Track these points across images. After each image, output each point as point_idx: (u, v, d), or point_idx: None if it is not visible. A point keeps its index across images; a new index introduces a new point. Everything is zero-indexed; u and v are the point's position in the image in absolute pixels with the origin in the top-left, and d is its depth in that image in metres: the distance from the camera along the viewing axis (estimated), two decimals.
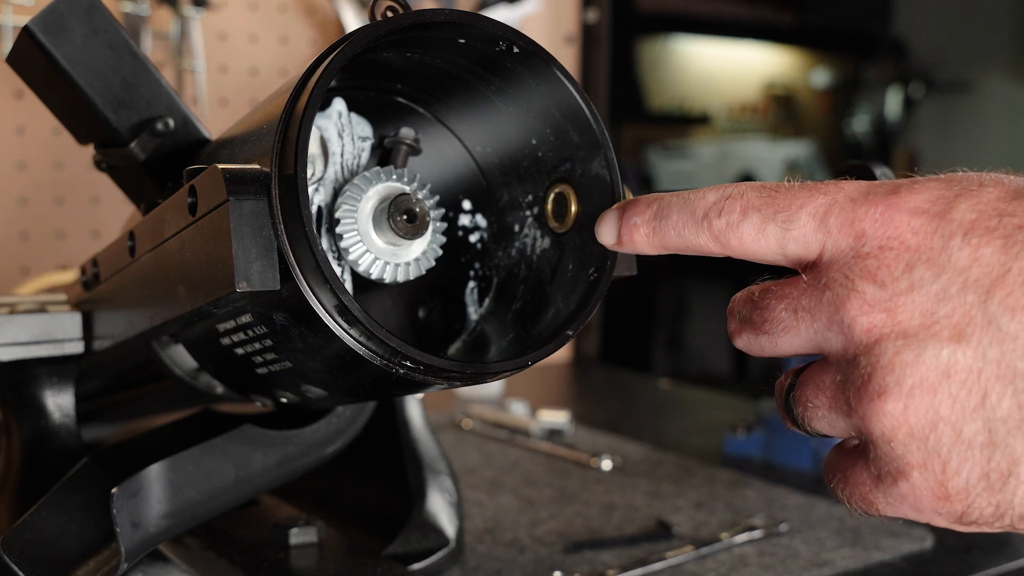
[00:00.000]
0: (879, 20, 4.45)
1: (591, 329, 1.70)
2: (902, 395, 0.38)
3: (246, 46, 1.36)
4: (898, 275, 0.39)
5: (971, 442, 0.38)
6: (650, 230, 0.45)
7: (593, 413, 1.28)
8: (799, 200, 0.41)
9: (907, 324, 0.38)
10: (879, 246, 0.39)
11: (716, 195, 0.43)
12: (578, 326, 0.47)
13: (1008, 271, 0.37)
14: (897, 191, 0.40)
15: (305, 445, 0.61)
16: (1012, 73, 4.47)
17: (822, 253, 0.41)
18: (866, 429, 0.39)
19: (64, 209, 1.28)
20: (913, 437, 0.38)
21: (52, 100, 0.60)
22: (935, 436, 0.38)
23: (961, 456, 0.38)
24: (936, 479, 0.38)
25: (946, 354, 0.38)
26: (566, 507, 0.85)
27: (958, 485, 0.38)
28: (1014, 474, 0.37)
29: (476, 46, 0.47)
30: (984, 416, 0.37)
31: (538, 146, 0.50)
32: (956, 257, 0.38)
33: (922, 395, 0.38)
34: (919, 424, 0.38)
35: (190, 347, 0.58)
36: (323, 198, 0.51)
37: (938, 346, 0.38)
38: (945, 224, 0.38)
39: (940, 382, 0.38)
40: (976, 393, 0.37)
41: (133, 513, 0.54)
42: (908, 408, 0.38)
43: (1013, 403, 0.37)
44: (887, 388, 0.38)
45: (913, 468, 0.39)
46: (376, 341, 0.43)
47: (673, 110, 4.02)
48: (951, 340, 0.38)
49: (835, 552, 0.75)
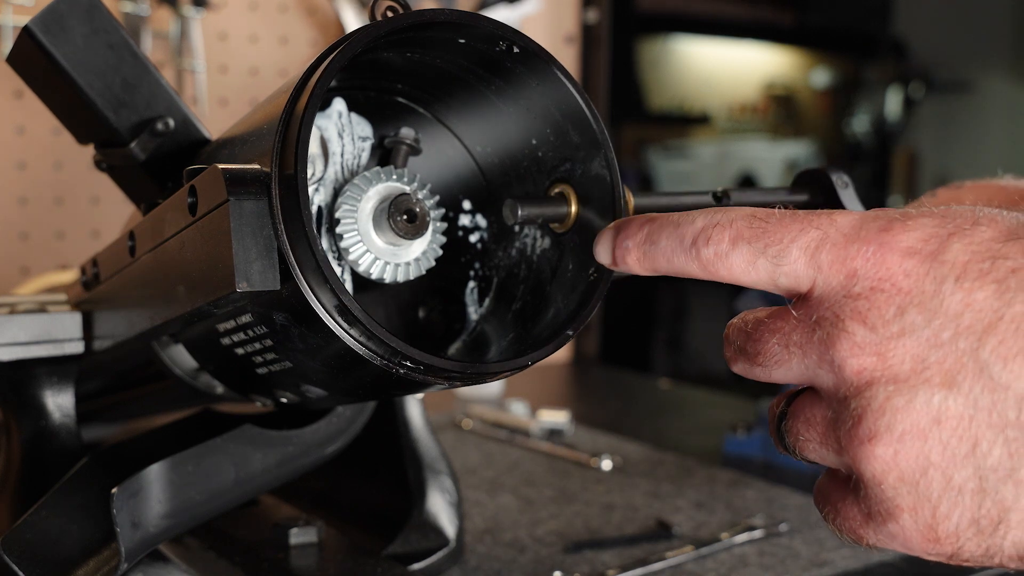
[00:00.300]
0: (879, 20, 4.45)
1: (591, 329, 1.70)
2: (892, 440, 0.38)
3: (246, 46, 1.36)
4: (889, 319, 0.38)
5: (962, 488, 0.38)
6: (641, 254, 0.44)
7: (593, 413, 1.28)
8: (791, 233, 0.41)
9: (898, 369, 0.38)
10: (871, 287, 0.39)
11: (704, 221, 0.42)
12: (578, 326, 0.47)
13: (1001, 318, 0.37)
14: (890, 228, 0.39)
15: (305, 445, 0.61)
16: (1012, 73, 4.48)
17: (813, 288, 0.41)
18: (856, 469, 0.39)
19: (64, 209, 1.28)
20: (903, 481, 0.38)
21: (52, 100, 0.60)
22: (925, 481, 0.38)
23: (951, 502, 0.38)
24: (926, 523, 0.38)
25: (937, 401, 0.37)
26: (566, 507, 0.85)
27: (948, 529, 0.38)
28: (1004, 521, 0.37)
29: (476, 46, 0.47)
30: (975, 464, 0.37)
31: (538, 146, 0.50)
32: (948, 302, 0.37)
33: (912, 441, 0.38)
34: (909, 469, 0.38)
35: (190, 347, 0.58)
36: (323, 198, 0.51)
37: (929, 392, 0.37)
38: (938, 266, 0.38)
39: (931, 428, 0.37)
40: (967, 441, 0.37)
41: (133, 513, 0.54)
42: (899, 453, 0.38)
43: (1004, 452, 0.37)
44: (878, 433, 0.38)
45: (903, 511, 0.39)
46: (376, 341, 0.43)
47: (673, 110, 4.02)
48: (942, 387, 0.37)
49: (835, 552, 0.75)
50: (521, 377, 1.26)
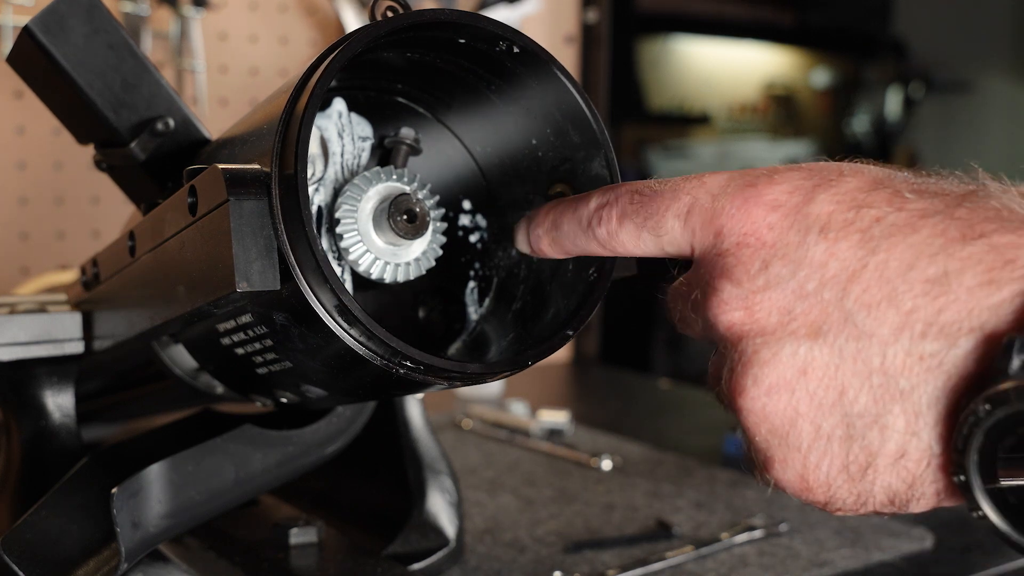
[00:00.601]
0: (879, 20, 4.45)
1: (591, 329, 1.70)
2: (760, 393, 0.39)
3: (246, 46, 1.36)
4: (754, 272, 0.39)
5: (830, 437, 0.38)
6: (550, 240, 0.47)
7: (593, 413, 1.28)
8: (665, 203, 0.42)
9: (765, 322, 0.39)
10: (736, 243, 0.40)
11: (596, 202, 0.44)
12: (578, 326, 0.47)
13: (865, 266, 0.37)
14: (755, 184, 0.40)
15: (305, 445, 0.61)
16: (1012, 73, 4.47)
17: (693, 252, 0.42)
18: (739, 422, 0.40)
19: (64, 209, 1.28)
20: (774, 433, 0.39)
21: (52, 100, 0.60)
22: (795, 432, 0.39)
23: (821, 451, 0.39)
24: (797, 472, 0.39)
25: (803, 351, 0.38)
26: (566, 507, 0.85)
27: (819, 478, 0.39)
28: (872, 466, 0.38)
29: (476, 46, 0.47)
30: (842, 411, 0.38)
31: (538, 146, 0.50)
32: (812, 252, 0.38)
33: (780, 393, 0.38)
34: (779, 421, 0.39)
35: (190, 347, 0.58)
36: (323, 198, 0.51)
37: (795, 344, 0.38)
38: (802, 218, 0.38)
39: (798, 379, 0.38)
40: (834, 389, 0.38)
41: (133, 513, 0.54)
42: (767, 406, 0.39)
43: (869, 398, 0.37)
44: (746, 387, 0.39)
45: (775, 462, 0.40)
46: (376, 341, 0.43)
47: (673, 110, 4.02)
48: (808, 337, 0.38)
49: (835, 552, 0.75)
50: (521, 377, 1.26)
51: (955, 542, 0.78)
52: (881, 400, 0.37)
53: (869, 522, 0.81)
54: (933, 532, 0.79)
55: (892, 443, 0.37)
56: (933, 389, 0.36)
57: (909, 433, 0.37)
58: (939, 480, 0.37)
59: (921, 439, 0.37)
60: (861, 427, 0.37)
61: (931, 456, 0.37)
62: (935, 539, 0.78)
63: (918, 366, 0.36)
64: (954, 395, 0.36)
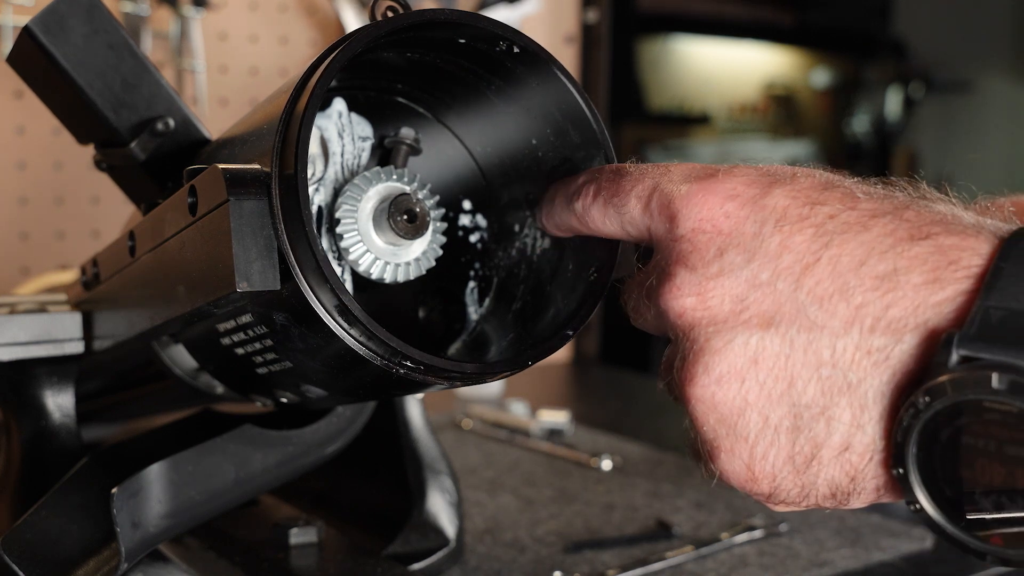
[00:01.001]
0: (879, 20, 4.45)
1: (591, 329, 1.70)
2: (711, 382, 0.39)
3: (246, 46, 1.36)
4: (709, 259, 0.39)
5: (777, 427, 0.39)
6: (546, 213, 0.48)
7: (593, 413, 1.28)
8: (630, 183, 0.43)
9: (717, 310, 0.39)
10: (692, 228, 0.40)
11: (584, 178, 0.45)
12: (578, 326, 0.47)
13: (818, 259, 0.37)
14: (715, 175, 0.41)
15: (305, 445, 0.61)
16: (1012, 73, 4.47)
17: (650, 236, 0.42)
18: (687, 411, 0.41)
19: (64, 209, 1.28)
20: (722, 423, 0.39)
21: (52, 100, 0.60)
22: (743, 422, 0.39)
23: (768, 441, 0.39)
24: (743, 462, 0.40)
25: (755, 341, 0.38)
26: (566, 507, 0.85)
27: (765, 468, 0.39)
28: (817, 458, 0.38)
29: (476, 46, 0.47)
30: (790, 402, 0.38)
31: (538, 146, 0.50)
32: (768, 243, 0.38)
33: (730, 382, 0.39)
34: (728, 410, 0.39)
35: (190, 347, 0.58)
36: (323, 198, 0.51)
37: (747, 333, 0.38)
38: (758, 210, 0.39)
39: (748, 369, 0.38)
40: (783, 380, 0.38)
41: (133, 513, 0.54)
42: (716, 395, 0.39)
43: (818, 389, 0.37)
44: (696, 375, 0.39)
45: (721, 451, 0.40)
46: (376, 341, 0.43)
47: (673, 110, 4.02)
48: (760, 327, 0.38)
49: (835, 552, 0.75)
50: (521, 377, 1.26)
51: None
52: (829, 392, 0.37)
53: (869, 522, 0.81)
54: None
55: (837, 435, 0.38)
56: (879, 384, 0.36)
57: (855, 426, 0.37)
58: (880, 476, 0.38)
59: (866, 433, 0.37)
60: (808, 418, 0.38)
61: (874, 451, 0.37)
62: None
63: (866, 360, 0.37)
64: (899, 391, 0.36)
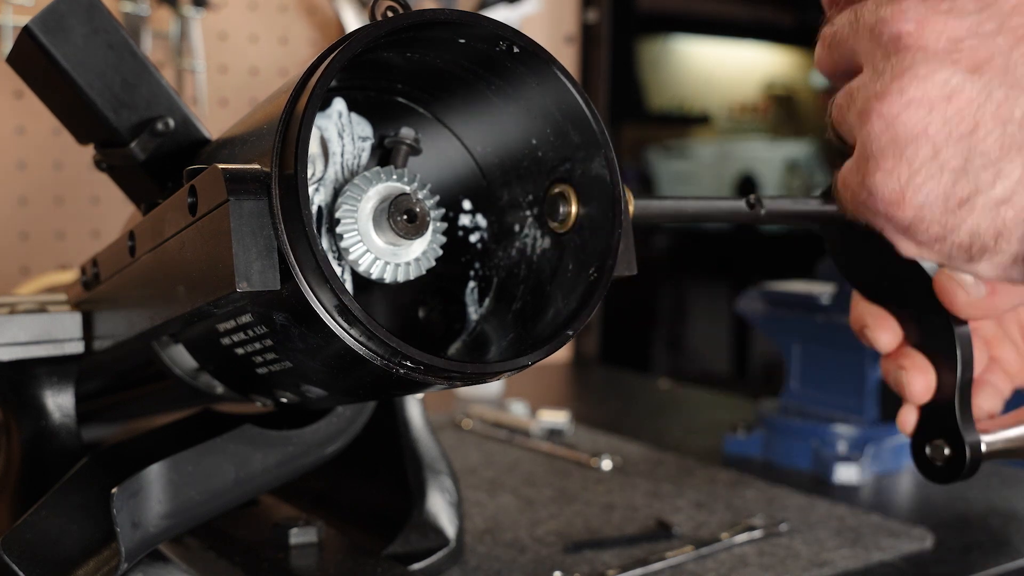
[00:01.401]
0: None
1: (591, 329, 1.70)
2: (901, 102, 0.40)
3: (246, 46, 1.36)
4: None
5: (944, 165, 0.40)
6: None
7: (593, 413, 1.28)
8: None
9: (932, 43, 0.40)
10: None
11: None
12: (578, 326, 0.47)
13: None
14: None
15: (305, 445, 0.61)
16: None
17: None
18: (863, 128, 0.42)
19: (64, 209, 1.28)
20: (894, 143, 0.41)
21: (52, 100, 0.60)
22: (913, 148, 0.40)
23: (929, 173, 0.40)
24: (899, 184, 0.41)
25: (956, 80, 0.39)
26: (566, 507, 0.85)
27: (916, 197, 0.41)
28: (970, 203, 0.40)
29: (476, 46, 0.47)
30: (967, 145, 0.39)
31: (538, 146, 0.50)
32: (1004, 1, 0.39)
33: (919, 108, 0.40)
34: (905, 133, 0.40)
35: (190, 347, 0.58)
36: (323, 198, 0.51)
37: (952, 71, 0.39)
38: None
39: (940, 103, 0.40)
40: (968, 123, 0.39)
41: (133, 513, 0.54)
42: (901, 116, 0.40)
43: (997, 143, 0.39)
44: (889, 93, 0.40)
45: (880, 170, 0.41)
46: (376, 341, 0.43)
47: (673, 110, 4.02)
48: (967, 70, 0.39)
49: (835, 552, 0.75)
50: (521, 377, 1.27)
51: (955, 542, 0.79)
52: (1007, 148, 0.39)
53: (869, 522, 0.81)
54: (933, 532, 0.79)
55: (1000, 187, 0.39)
56: None
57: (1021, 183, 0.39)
58: None
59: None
60: (978, 165, 0.39)
61: None
62: (935, 539, 0.78)
63: None
64: None
